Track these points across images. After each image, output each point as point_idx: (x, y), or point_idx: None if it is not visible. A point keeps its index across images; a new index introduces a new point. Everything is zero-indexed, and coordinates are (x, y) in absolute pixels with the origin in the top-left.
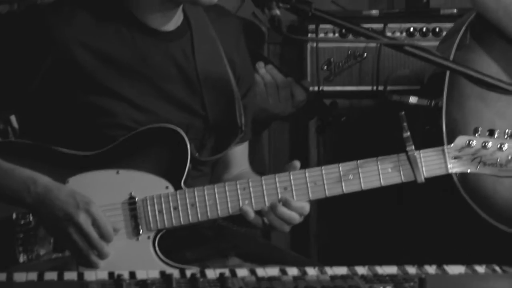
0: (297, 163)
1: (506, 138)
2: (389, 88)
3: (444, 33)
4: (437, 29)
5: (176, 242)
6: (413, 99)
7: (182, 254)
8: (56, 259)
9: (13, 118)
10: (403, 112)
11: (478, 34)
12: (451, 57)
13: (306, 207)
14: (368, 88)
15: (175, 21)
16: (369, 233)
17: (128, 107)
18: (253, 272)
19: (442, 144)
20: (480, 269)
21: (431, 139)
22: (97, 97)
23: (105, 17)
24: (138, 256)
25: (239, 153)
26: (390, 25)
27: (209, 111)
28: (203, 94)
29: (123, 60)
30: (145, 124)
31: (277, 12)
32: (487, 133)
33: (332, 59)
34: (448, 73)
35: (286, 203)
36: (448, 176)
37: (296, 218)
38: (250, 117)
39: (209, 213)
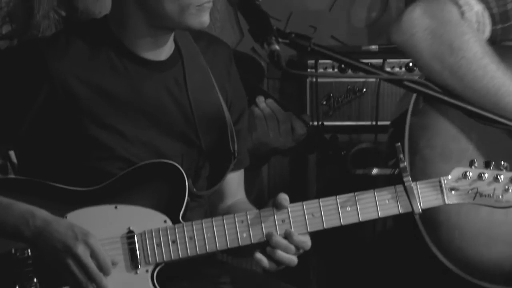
0: (286, 200)
1: (502, 169)
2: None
3: None
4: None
5: (174, 275)
6: (375, 171)
7: (180, 287)
8: None
9: (12, 154)
10: (399, 144)
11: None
12: (407, 124)
13: (308, 242)
14: (368, 123)
15: (166, 50)
16: (367, 266)
17: (123, 139)
18: None
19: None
20: None
21: None
22: (91, 130)
23: (98, 48)
24: None
25: (235, 182)
26: (389, 60)
27: (203, 139)
28: (196, 122)
29: (116, 92)
30: (140, 156)
31: (277, 47)
32: (483, 165)
33: (331, 94)
34: (407, 141)
35: (288, 236)
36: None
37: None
38: (245, 144)
39: (207, 246)
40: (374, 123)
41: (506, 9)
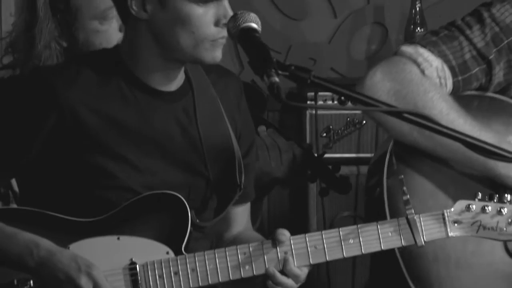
0: (286, 235)
1: (506, 202)
2: None
3: None
4: None
5: None
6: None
7: None
8: None
9: (13, 182)
10: (402, 176)
11: (403, 157)
12: (384, 187)
13: (302, 276)
14: (368, 155)
15: (177, 81)
16: None
17: (131, 169)
18: None
19: None
20: None
21: None
22: (99, 159)
23: (108, 78)
24: None
25: (240, 213)
26: None
27: (211, 170)
28: (204, 154)
29: (126, 122)
30: (147, 186)
31: (276, 79)
32: (487, 198)
33: (331, 126)
34: (386, 206)
35: (284, 266)
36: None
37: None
38: (252, 177)
39: (209, 278)
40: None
41: (464, 60)
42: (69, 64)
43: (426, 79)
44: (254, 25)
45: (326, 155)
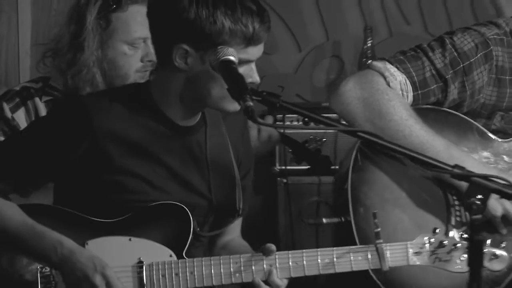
0: (273, 247)
1: (460, 240)
2: None
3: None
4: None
5: None
6: (325, 220)
7: None
8: None
9: None
10: (375, 211)
11: (366, 154)
12: (349, 181)
13: (283, 287)
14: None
15: (195, 118)
16: None
17: (148, 187)
18: None
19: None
20: None
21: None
22: (122, 178)
23: (137, 111)
24: None
25: (235, 226)
26: None
27: (214, 195)
28: (210, 180)
29: (147, 149)
30: (159, 201)
31: (251, 103)
32: (444, 233)
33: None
34: (349, 190)
35: (269, 277)
36: None
37: None
38: (247, 196)
39: (204, 281)
40: (333, 167)
41: (424, 77)
42: (105, 96)
43: (391, 90)
44: (232, 58)
45: (291, 167)
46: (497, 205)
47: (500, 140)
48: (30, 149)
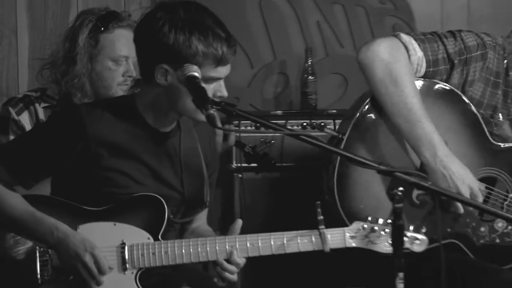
0: (240, 222)
1: (387, 225)
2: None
3: (328, 126)
4: (322, 123)
5: (150, 276)
6: (327, 130)
7: (151, 282)
8: (63, 282)
9: None
10: (318, 202)
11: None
12: (335, 173)
13: (242, 264)
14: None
15: (171, 125)
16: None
17: (131, 181)
18: None
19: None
20: None
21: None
22: (109, 173)
23: (124, 119)
24: (124, 286)
25: (202, 215)
26: (290, 121)
27: (186, 190)
28: (183, 177)
29: (131, 150)
30: (137, 191)
31: (212, 112)
32: (375, 221)
33: (249, 144)
34: (335, 184)
35: (230, 256)
36: None
37: (234, 270)
38: (213, 191)
39: (177, 259)
40: (280, 164)
41: (437, 58)
42: (98, 106)
43: (409, 64)
44: (195, 74)
45: (245, 165)
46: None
47: (497, 144)
48: (33, 149)
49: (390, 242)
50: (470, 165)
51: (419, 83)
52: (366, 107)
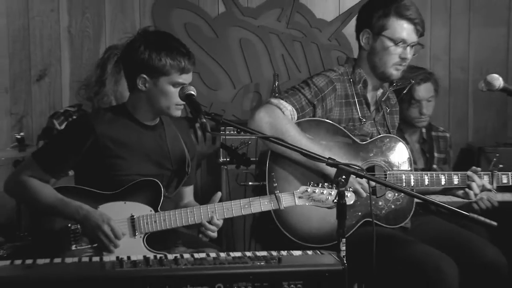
0: (219, 193)
1: (325, 188)
2: None
3: None
4: None
5: (154, 238)
6: (251, 183)
7: (155, 243)
8: (90, 249)
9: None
10: (273, 173)
11: (275, 157)
12: (267, 166)
13: (220, 225)
14: (253, 158)
15: (156, 120)
16: None
17: (131, 165)
18: (192, 255)
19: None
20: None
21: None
22: (113, 160)
23: (121, 119)
24: (134, 247)
25: (188, 191)
26: None
27: (173, 166)
28: (171, 158)
29: (129, 142)
30: (140, 174)
31: (204, 120)
32: (316, 184)
33: (232, 144)
34: (267, 174)
35: (211, 220)
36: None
37: (214, 229)
38: (194, 170)
39: (172, 224)
40: (255, 159)
41: (302, 105)
42: (103, 112)
43: (285, 117)
44: (192, 92)
45: (229, 160)
46: (353, 181)
47: (361, 142)
48: (59, 148)
49: (327, 198)
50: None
51: (300, 124)
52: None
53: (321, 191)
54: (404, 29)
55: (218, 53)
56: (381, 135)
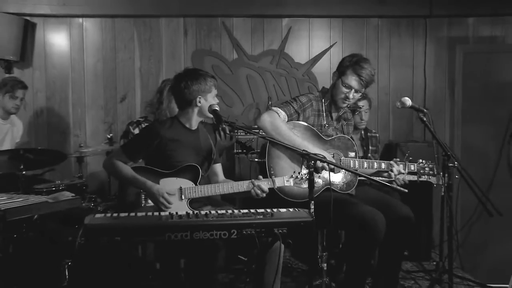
0: (260, 177)
1: (304, 176)
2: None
3: None
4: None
5: (194, 202)
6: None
7: (195, 205)
8: (152, 207)
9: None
10: (272, 165)
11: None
12: (266, 154)
13: (265, 189)
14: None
15: (196, 125)
16: None
17: (180, 155)
18: (216, 211)
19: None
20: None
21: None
22: (170, 152)
23: (175, 125)
24: (181, 207)
25: (218, 169)
26: (260, 131)
27: (205, 155)
28: (204, 150)
29: (182, 140)
30: (185, 161)
31: (224, 125)
32: (300, 173)
33: (242, 141)
34: (267, 160)
35: (258, 186)
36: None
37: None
38: (218, 156)
39: (205, 193)
40: (257, 150)
41: (291, 112)
42: (164, 122)
43: (280, 118)
44: (216, 108)
45: (240, 151)
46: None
47: (326, 138)
48: (138, 142)
49: (302, 182)
50: (323, 152)
51: (291, 123)
52: (267, 146)
53: (300, 177)
54: (353, 80)
55: (233, 83)
56: (338, 135)
